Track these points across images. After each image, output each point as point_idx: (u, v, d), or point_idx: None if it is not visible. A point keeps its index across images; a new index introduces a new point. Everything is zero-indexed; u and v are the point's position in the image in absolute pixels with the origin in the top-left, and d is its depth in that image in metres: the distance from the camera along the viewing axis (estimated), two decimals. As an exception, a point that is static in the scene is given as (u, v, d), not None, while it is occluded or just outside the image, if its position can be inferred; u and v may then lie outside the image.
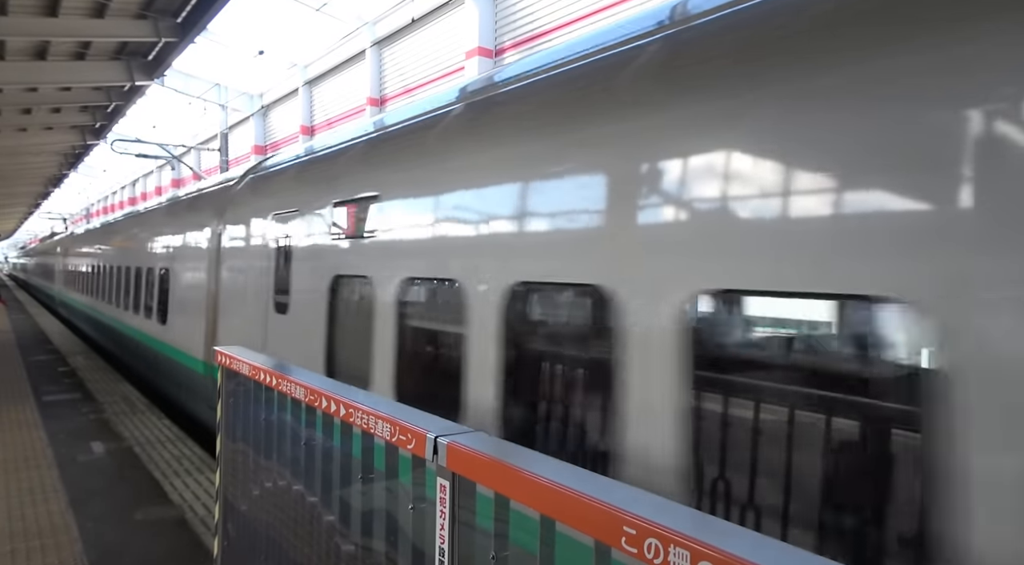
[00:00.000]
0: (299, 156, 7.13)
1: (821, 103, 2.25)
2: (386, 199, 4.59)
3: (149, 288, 11.51)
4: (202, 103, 33.31)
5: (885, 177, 2.05)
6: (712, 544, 1.42)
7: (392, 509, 2.58)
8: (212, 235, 8.48)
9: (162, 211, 12.72)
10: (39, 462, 7.11)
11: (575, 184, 3.19)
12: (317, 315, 5.38)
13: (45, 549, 5.01)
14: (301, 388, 3.06)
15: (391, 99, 23.96)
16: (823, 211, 2.20)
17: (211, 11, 14.82)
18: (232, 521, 3.94)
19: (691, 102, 2.72)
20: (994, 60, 1.87)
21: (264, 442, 3.50)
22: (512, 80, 4.14)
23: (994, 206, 1.82)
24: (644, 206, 2.81)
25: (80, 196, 63.08)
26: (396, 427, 2.42)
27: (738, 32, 2.72)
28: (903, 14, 2.14)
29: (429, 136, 4.54)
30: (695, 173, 2.62)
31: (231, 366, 3.83)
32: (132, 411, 9.80)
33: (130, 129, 31.78)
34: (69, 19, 15.01)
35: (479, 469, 2.08)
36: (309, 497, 3.05)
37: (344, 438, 2.80)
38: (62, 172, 39.34)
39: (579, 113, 3.27)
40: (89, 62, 18.15)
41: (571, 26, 16.57)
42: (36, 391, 10.93)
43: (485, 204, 3.70)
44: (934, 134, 1.95)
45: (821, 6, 2.44)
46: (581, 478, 1.87)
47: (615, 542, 1.60)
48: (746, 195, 2.43)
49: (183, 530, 5.45)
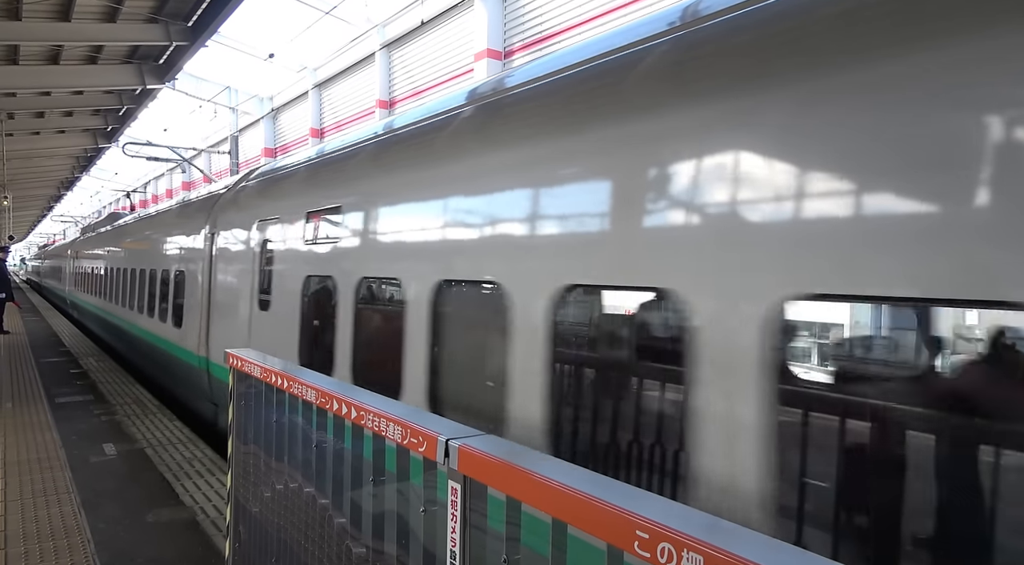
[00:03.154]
0: (282, 168, 7.94)
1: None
2: (346, 210, 5.36)
3: (150, 288, 12.33)
4: (212, 106, 33.49)
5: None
6: (726, 548, 1.41)
7: (403, 512, 2.58)
8: (205, 239, 9.33)
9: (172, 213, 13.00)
10: (52, 463, 7.16)
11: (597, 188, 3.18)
12: (293, 310, 6.16)
13: (58, 550, 5.04)
14: (312, 391, 3.07)
15: (401, 101, 24.02)
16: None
17: (222, 15, 14.94)
18: (243, 523, 3.95)
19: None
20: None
21: (275, 444, 3.51)
22: (420, 120, 5.02)
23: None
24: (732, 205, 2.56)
25: (92, 199, 63.54)
26: (407, 430, 2.42)
27: (758, 30, 2.71)
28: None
29: (379, 155, 5.42)
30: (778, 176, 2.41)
31: (243, 369, 3.84)
32: (144, 413, 9.86)
33: (141, 132, 32.04)
34: (82, 23, 15.17)
35: (490, 472, 2.07)
36: (320, 499, 3.05)
37: (355, 440, 2.81)
38: (74, 175, 39.71)
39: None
40: (101, 66, 18.33)
41: (581, 27, 16.55)
42: (49, 392, 11.01)
43: (417, 215, 4.51)
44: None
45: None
46: (593, 481, 1.86)
47: (628, 546, 1.59)
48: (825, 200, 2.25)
49: (195, 532, 5.47)
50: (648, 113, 2.97)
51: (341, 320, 5.27)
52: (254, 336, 7.18)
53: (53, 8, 14.34)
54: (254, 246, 7.33)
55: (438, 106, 5.00)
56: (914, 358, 2.26)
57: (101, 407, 10.13)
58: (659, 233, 2.81)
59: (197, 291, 9.39)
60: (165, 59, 18.19)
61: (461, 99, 4.75)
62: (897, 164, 2.08)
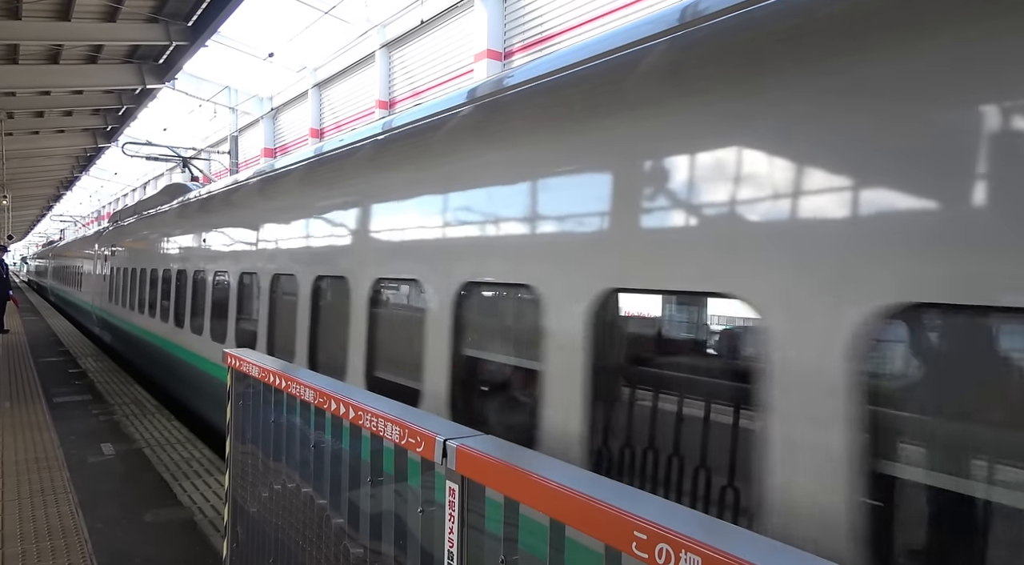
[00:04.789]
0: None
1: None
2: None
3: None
4: (212, 106, 33.49)
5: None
6: (725, 550, 1.40)
7: (401, 512, 2.58)
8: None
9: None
10: (50, 463, 7.14)
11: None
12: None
13: (55, 550, 5.03)
14: (310, 391, 3.06)
15: (400, 101, 24.03)
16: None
17: (222, 15, 14.93)
18: (241, 523, 3.95)
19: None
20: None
21: (273, 444, 3.50)
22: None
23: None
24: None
25: (91, 199, 63.55)
26: (405, 430, 2.41)
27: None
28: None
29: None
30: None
31: (240, 368, 3.84)
32: (142, 413, 9.84)
33: (141, 132, 32.03)
34: (81, 23, 15.17)
35: (488, 472, 2.07)
36: (318, 500, 3.05)
37: (353, 441, 2.80)
38: (74, 174, 39.71)
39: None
40: (101, 65, 18.33)
41: (581, 28, 16.55)
42: (47, 392, 10.99)
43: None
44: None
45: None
46: (592, 482, 1.85)
47: (625, 547, 1.58)
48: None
49: (192, 532, 5.46)
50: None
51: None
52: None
53: (53, 7, 14.34)
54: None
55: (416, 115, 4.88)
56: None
57: (99, 407, 10.12)
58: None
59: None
60: (165, 59, 18.19)
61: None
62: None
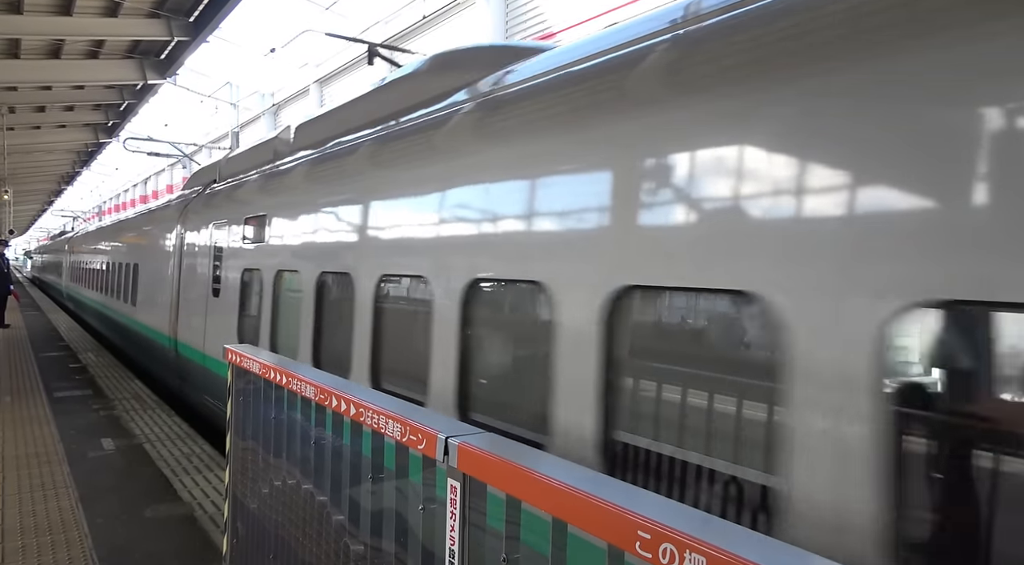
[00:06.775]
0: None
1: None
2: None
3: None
4: (214, 101, 33.44)
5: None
6: (729, 550, 1.39)
7: (402, 509, 2.56)
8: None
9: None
10: (50, 458, 7.14)
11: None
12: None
13: (55, 545, 5.03)
14: (311, 387, 3.05)
15: (401, 98, 23.93)
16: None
17: (223, 10, 14.89)
18: (241, 519, 3.94)
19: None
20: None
21: (274, 440, 3.49)
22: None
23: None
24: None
25: (92, 193, 63.52)
26: (407, 427, 2.40)
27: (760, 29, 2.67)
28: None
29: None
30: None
31: (241, 364, 3.82)
32: (142, 408, 9.84)
33: (142, 127, 32.00)
34: (83, 18, 15.13)
35: (490, 470, 2.05)
36: (319, 496, 3.04)
37: (354, 437, 2.79)
38: (75, 170, 39.65)
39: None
40: (102, 61, 18.29)
41: (583, 26, 16.51)
42: (47, 387, 10.99)
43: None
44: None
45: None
46: (594, 481, 1.84)
47: (629, 547, 1.57)
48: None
49: (192, 527, 5.46)
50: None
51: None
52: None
53: (54, 2, 14.31)
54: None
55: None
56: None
57: (100, 402, 10.12)
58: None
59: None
60: (166, 54, 18.13)
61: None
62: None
